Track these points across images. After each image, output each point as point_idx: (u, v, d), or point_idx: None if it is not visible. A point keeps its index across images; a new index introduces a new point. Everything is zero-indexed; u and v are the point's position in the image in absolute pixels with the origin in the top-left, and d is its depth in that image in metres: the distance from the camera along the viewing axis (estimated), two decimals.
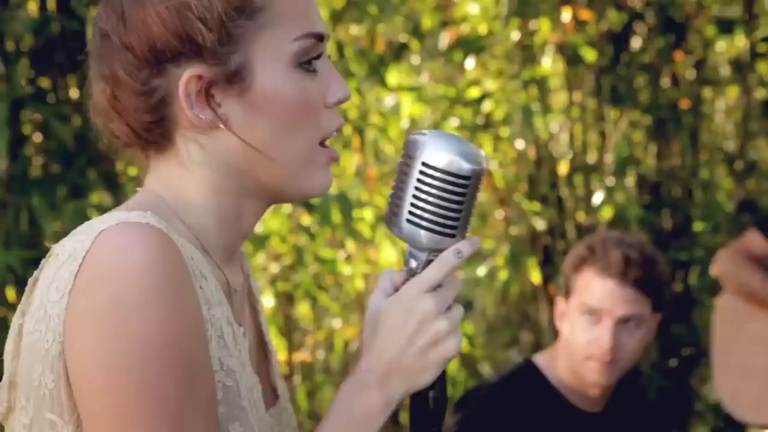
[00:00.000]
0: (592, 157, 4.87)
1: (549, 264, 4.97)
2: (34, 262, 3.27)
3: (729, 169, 5.14)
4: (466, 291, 5.86)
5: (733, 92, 5.32)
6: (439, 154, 1.16)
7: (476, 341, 5.42)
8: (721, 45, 5.04)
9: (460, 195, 1.17)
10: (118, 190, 3.54)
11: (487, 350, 5.48)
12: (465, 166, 1.16)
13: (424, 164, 1.17)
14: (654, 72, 4.74)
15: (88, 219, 1.19)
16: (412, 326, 1.15)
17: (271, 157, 1.17)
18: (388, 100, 4.99)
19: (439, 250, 1.18)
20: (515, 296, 5.21)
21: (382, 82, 4.18)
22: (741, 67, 4.88)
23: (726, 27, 4.77)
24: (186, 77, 1.15)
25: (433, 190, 1.16)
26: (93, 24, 1.22)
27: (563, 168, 4.86)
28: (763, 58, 4.94)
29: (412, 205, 1.17)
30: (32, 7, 3.42)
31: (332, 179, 1.22)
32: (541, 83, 4.74)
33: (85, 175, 3.38)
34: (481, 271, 4.90)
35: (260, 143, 1.16)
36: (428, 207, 1.17)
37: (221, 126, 1.16)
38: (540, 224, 4.86)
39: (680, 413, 4.84)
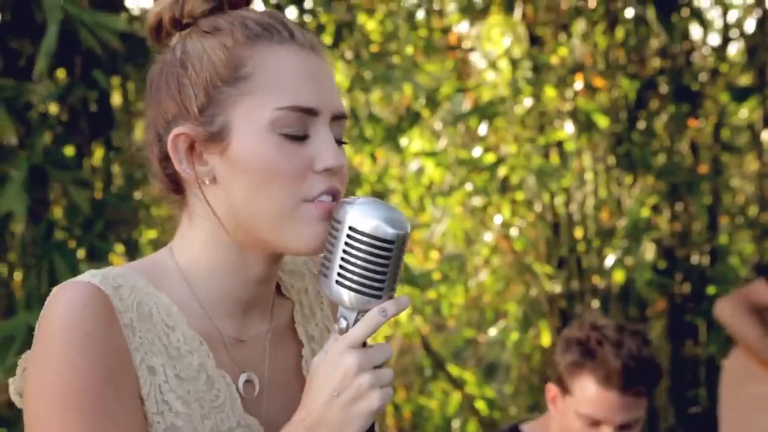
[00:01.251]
0: (607, 222, 4.91)
1: (566, 327, 4.98)
2: None
3: (752, 235, 5.15)
4: (489, 353, 5.88)
5: (751, 157, 5.35)
6: (364, 219, 1.23)
7: (498, 404, 5.43)
8: (740, 111, 5.09)
9: (385, 258, 1.23)
10: (136, 254, 3.63)
11: (509, 413, 5.49)
12: (389, 231, 1.23)
13: (351, 228, 1.23)
14: (668, 138, 4.79)
15: None
16: (336, 380, 1.23)
17: (252, 213, 1.27)
18: (413, 164, 5.09)
19: (367, 310, 1.25)
20: (536, 359, 5.23)
21: (398, 148, 4.27)
22: (756, 134, 4.91)
23: (739, 94, 4.82)
24: (173, 134, 1.29)
25: (359, 254, 1.23)
26: None
27: (579, 232, 4.90)
28: None
29: (341, 267, 1.24)
30: (60, 74, 3.55)
31: (323, 237, 1.27)
32: (558, 148, 4.81)
33: (105, 239, 3.48)
34: (492, 332, 4.93)
35: (242, 199, 1.27)
36: (355, 269, 1.24)
37: (206, 181, 1.28)
38: (556, 287, 4.90)
39: None
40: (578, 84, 4.71)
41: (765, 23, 4.78)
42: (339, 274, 1.24)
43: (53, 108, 3.49)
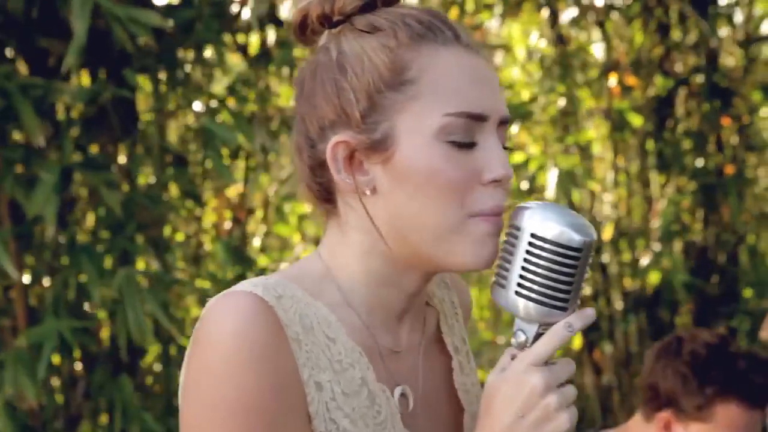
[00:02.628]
0: (637, 222, 4.83)
1: (594, 330, 4.92)
2: (84, 331, 3.24)
3: None
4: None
5: None
6: (548, 225, 1.15)
7: None
8: (766, 110, 5.02)
9: (571, 267, 1.15)
10: (165, 256, 3.55)
11: None
12: (576, 238, 1.15)
13: (533, 236, 1.15)
14: (700, 137, 4.72)
15: (136, 285, 1.27)
16: (521, 400, 1.14)
17: (415, 227, 1.19)
18: None
19: (549, 324, 1.17)
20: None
21: None
22: None
23: None
24: (333, 142, 1.21)
25: (542, 262, 1.15)
26: None
27: (607, 233, 4.83)
28: None
29: (521, 277, 1.16)
30: (84, 77, 3.46)
31: (494, 253, 1.19)
32: (585, 149, 4.74)
33: (133, 241, 3.39)
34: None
35: (404, 211, 1.19)
36: (538, 279, 1.15)
37: (367, 192, 1.20)
38: (584, 290, 4.82)
39: None
40: (612, 82, 4.62)
41: None
42: (519, 285, 1.16)
43: (79, 107, 3.40)
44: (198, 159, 3.75)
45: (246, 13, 3.73)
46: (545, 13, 4.76)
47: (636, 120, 4.61)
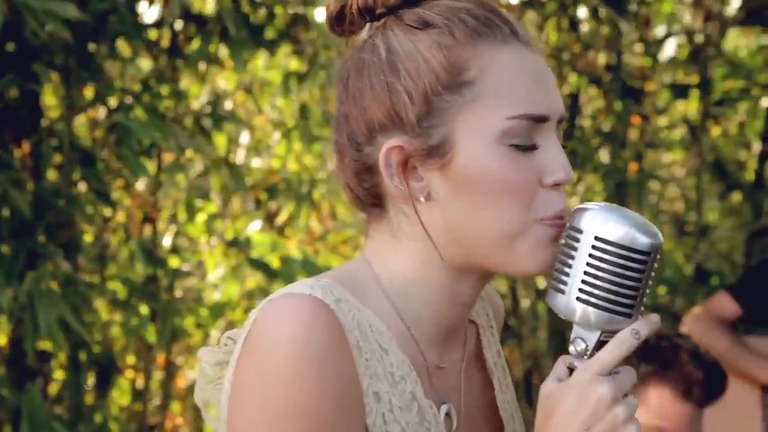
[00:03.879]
0: None
1: (506, 327, 4.93)
2: None
3: (677, 231, 5.17)
4: None
5: (678, 155, 5.39)
6: (612, 227, 1.09)
7: None
8: (676, 109, 5.10)
9: (638, 272, 1.09)
10: (76, 258, 3.43)
11: None
12: (643, 240, 1.09)
13: (597, 238, 1.09)
14: (612, 136, 4.76)
15: (46, 288, 1.18)
16: (586, 412, 1.08)
17: (474, 235, 1.13)
18: None
19: (612, 331, 1.11)
20: None
21: None
22: (694, 131, 4.93)
23: (680, 92, 4.82)
24: (386, 148, 1.15)
25: (607, 266, 1.09)
26: None
27: None
28: (715, 121, 5.01)
29: (584, 282, 1.10)
30: None
31: (553, 257, 1.13)
32: None
33: (41, 243, 3.27)
34: None
35: (463, 219, 1.14)
36: (602, 284, 1.09)
37: (422, 199, 1.14)
38: (502, 286, 4.83)
39: None
40: None
41: (707, 21, 4.80)
42: (582, 290, 1.09)
43: None
44: (106, 156, 3.61)
45: (157, 9, 3.62)
46: None
47: None
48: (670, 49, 5.08)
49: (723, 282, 4.96)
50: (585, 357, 1.12)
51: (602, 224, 1.09)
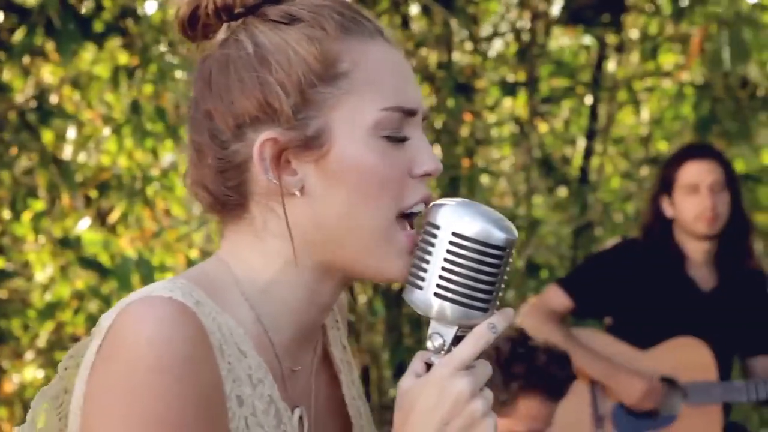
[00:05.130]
0: None
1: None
2: None
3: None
4: None
5: (508, 151, 5.52)
6: (469, 223, 1.10)
7: None
8: (505, 106, 5.22)
9: (494, 266, 1.10)
10: None
11: None
12: (499, 236, 1.10)
13: (454, 234, 1.10)
14: (445, 132, 4.84)
15: None
16: (446, 407, 1.08)
17: (346, 229, 1.13)
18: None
19: (469, 326, 1.11)
20: None
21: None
22: (522, 127, 5.05)
23: (509, 89, 4.94)
24: (261, 140, 1.13)
25: (465, 262, 1.09)
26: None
27: None
28: (542, 118, 5.15)
29: (441, 277, 1.10)
30: None
31: (409, 267, 1.14)
32: None
33: None
34: None
35: (336, 213, 1.13)
36: (459, 280, 1.10)
37: (296, 193, 1.13)
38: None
39: None
40: None
41: (533, 20, 4.92)
42: (439, 285, 1.10)
43: None
44: None
45: None
46: None
47: None
48: (498, 48, 5.19)
49: (552, 275, 5.11)
50: (442, 352, 1.12)
51: (459, 220, 1.10)
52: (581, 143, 5.34)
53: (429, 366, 1.13)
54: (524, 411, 2.32)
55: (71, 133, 4.55)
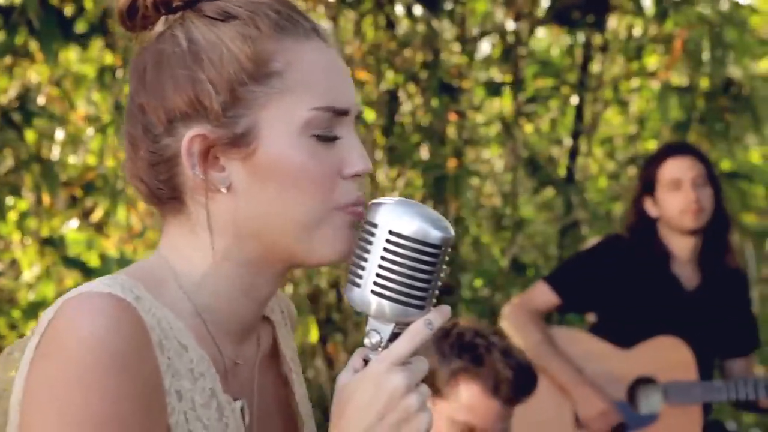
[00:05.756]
0: None
1: (329, 322, 4.95)
2: None
3: (496, 226, 5.30)
4: None
5: (496, 152, 5.53)
6: (405, 221, 1.12)
7: None
8: (490, 106, 5.23)
9: (431, 264, 1.12)
10: None
11: None
12: (435, 234, 1.12)
13: (391, 232, 1.12)
14: (430, 132, 4.85)
15: None
16: (381, 402, 1.10)
17: (275, 225, 1.15)
18: None
19: (405, 323, 1.13)
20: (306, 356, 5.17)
21: None
22: (508, 127, 5.06)
23: (494, 89, 4.95)
24: (189, 137, 1.14)
25: (401, 260, 1.11)
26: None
27: None
28: (527, 119, 5.16)
29: (378, 275, 1.12)
30: None
31: (352, 244, 1.16)
32: None
33: None
34: None
35: (264, 210, 1.15)
36: (396, 278, 1.11)
37: (223, 190, 1.15)
38: (321, 281, 4.85)
39: None
40: None
41: (518, 20, 4.93)
42: (376, 283, 1.11)
43: None
44: None
45: None
46: None
47: (368, 114, 4.68)
48: (485, 48, 5.21)
49: (538, 274, 5.12)
50: (380, 349, 1.14)
51: (396, 219, 1.12)
52: (567, 143, 5.35)
53: (367, 362, 1.14)
54: (464, 398, 2.32)
55: (59, 133, 4.56)
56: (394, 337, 1.13)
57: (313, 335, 4.83)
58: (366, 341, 1.14)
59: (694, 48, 4.46)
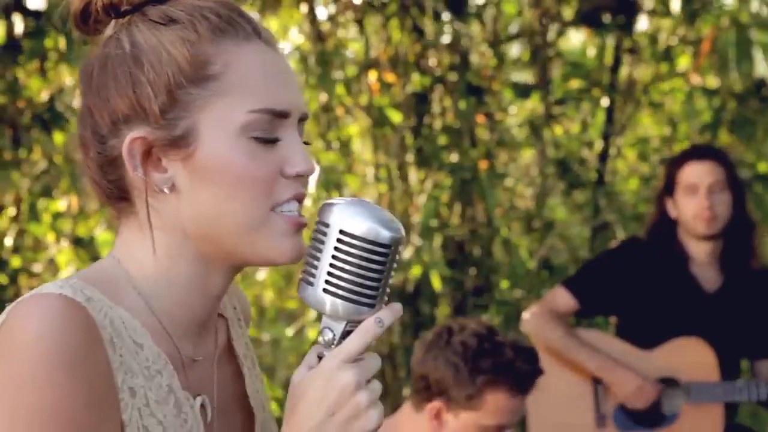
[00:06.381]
0: (399, 217, 4.92)
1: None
2: None
3: (527, 228, 5.30)
4: (268, 354, 5.80)
5: (527, 153, 5.52)
6: (356, 221, 1.14)
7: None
8: (520, 108, 5.23)
9: (380, 264, 1.14)
10: None
11: None
12: (385, 234, 1.14)
13: (342, 232, 1.14)
14: (457, 134, 4.86)
15: None
16: (332, 399, 1.13)
17: (219, 224, 1.17)
18: None
19: (357, 321, 1.15)
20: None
21: None
22: (537, 129, 5.06)
23: (522, 91, 4.95)
24: (129, 138, 1.17)
25: (351, 259, 1.14)
26: None
27: None
28: (556, 120, 5.15)
29: (329, 274, 1.14)
30: None
31: (299, 247, 1.18)
32: (346, 145, 4.80)
33: None
34: (290, 331, 4.86)
35: (208, 209, 1.17)
36: (346, 276, 1.14)
37: (166, 190, 1.17)
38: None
39: None
40: (371, 79, 4.70)
41: (546, 22, 4.93)
42: (327, 282, 1.14)
43: None
44: None
45: None
46: (304, 8, 4.78)
47: (395, 116, 4.71)
48: (514, 50, 5.21)
49: (569, 275, 5.11)
50: (333, 346, 1.16)
51: (348, 219, 1.14)
52: (598, 145, 5.34)
53: (321, 359, 1.16)
54: (492, 405, 2.35)
55: None
56: (346, 334, 1.16)
57: None
58: (320, 338, 1.17)
59: (723, 49, 4.44)
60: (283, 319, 5.56)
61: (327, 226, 1.15)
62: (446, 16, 4.65)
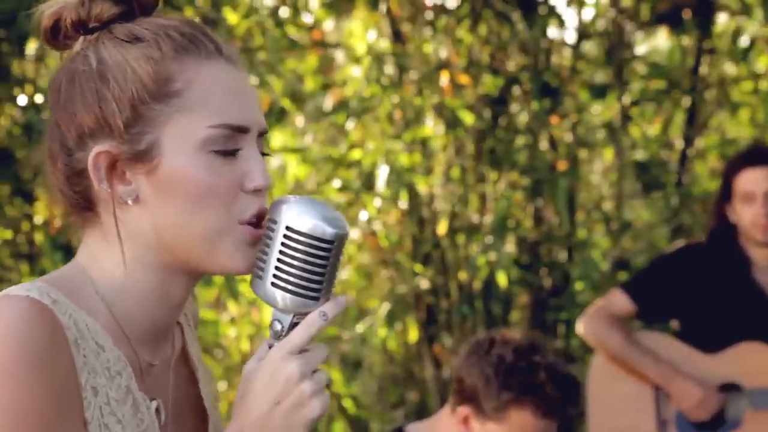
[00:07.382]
0: (473, 218, 4.95)
1: (432, 323, 5.01)
2: None
3: (606, 229, 5.27)
4: (354, 350, 5.87)
5: (608, 154, 5.48)
6: (302, 218, 1.20)
7: (363, 402, 5.42)
8: (596, 108, 5.19)
9: (324, 259, 1.20)
10: None
11: (375, 410, 5.48)
12: (328, 230, 1.20)
13: (288, 228, 1.20)
14: (531, 134, 4.86)
15: None
16: (276, 389, 1.19)
17: (181, 235, 1.22)
18: (274, 161, 5.02)
19: (304, 313, 1.21)
20: (400, 355, 5.24)
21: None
22: (614, 130, 5.03)
23: (598, 92, 4.92)
24: (95, 152, 1.22)
25: (297, 254, 1.20)
26: None
27: (442, 228, 4.93)
28: (633, 121, 5.11)
29: (276, 268, 1.20)
30: None
31: (253, 258, 1.23)
32: (423, 145, 4.83)
33: None
34: (360, 328, 4.93)
35: (169, 221, 1.22)
36: (292, 271, 1.20)
37: (129, 202, 1.22)
38: (423, 283, 4.92)
39: None
40: (443, 80, 4.72)
41: (620, 21, 4.90)
42: (275, 276, 1.20)
43: None
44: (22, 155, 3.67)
45: None
46: (383, 9, 4.83)
47: (467, 118, 4.73)
48: (588, 50, 5.18)
49: None
50: (281, 338, 1.22)
51: (295, 216, 1.20)
52: (678, 146, 5.28)
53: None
54: (516, 422, 2.36)
55: None
56: (293, 326, 1.21)
57: (413, 335, 4.90)
58: (270, 331, 1.23)
59: None
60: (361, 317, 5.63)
61: (275, 222, 1.21)
62: (516, 16, 4.65)
